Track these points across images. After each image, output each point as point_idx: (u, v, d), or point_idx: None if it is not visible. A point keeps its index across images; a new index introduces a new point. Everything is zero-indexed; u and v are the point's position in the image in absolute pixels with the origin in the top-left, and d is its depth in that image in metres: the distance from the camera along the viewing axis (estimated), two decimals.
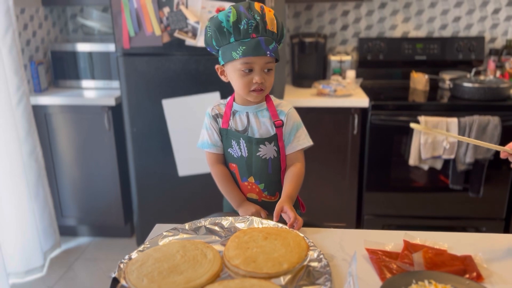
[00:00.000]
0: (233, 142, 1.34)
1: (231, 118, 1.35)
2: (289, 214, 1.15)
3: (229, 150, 1.36)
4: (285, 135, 1.33)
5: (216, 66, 1.33)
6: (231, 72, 1.27)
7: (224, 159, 1.40)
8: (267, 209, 1.36)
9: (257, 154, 1.32)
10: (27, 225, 2.38)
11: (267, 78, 1.26)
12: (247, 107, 1.33)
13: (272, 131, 1.32)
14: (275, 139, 1.32)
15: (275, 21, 1.24)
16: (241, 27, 1.19)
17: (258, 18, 1.20)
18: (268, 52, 1.21)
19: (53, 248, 2.60)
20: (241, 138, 1.32)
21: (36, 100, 2.51)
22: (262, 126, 1.32)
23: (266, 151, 1.32)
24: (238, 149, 1.33)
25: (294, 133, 1.33)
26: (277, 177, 1.36)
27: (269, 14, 1.23)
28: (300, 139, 1.33)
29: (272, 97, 1.36)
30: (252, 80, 1.24)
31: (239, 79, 1.25)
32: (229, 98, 1.37)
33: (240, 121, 1.34)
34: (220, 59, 1.28)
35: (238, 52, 1.21)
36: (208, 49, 1.30)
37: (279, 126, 1.31)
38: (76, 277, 2.43)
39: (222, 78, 1.33)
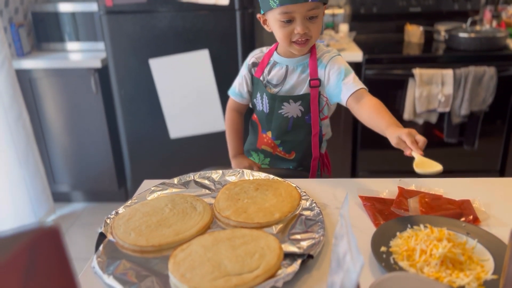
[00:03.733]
0: (258, 95, 1.26)
1: (267, 68, 1.24)
2: (418, 138, 0.93)
3: (254, 100, 1.29)
4: (329, 88, 1.17)
5: (258, 15, 1.19)
6: (272, 22, 1.13)
7: (245, 110, 1.38)
8: (279, 162, 1.32)
9: (279, 111, 1.22)
10: (18, 192, 2.35)
11: (312, 27, 1.10)
12: (288, 59, 1.21)
13: (305, 89, 1.20)
14: (304, 99, 1.19)
15: None
16: None
17: None
18: None
19: (47, 214, 2.58)
20: (264, 94, 1.23)
21: (19, 65, 2.42)
22: (299, 83, 1.20)
23: (289, 109, 1.21)
24: (261, 103, 1.26)
25: (340, 82, 1.14)
26: (297, 136, 1.25)
27: None
28: (349, 85, 1.12)
29: (318, 45, 1.20)
30: (294, 30, 1.10)
31: (279, 30, 1.11)
32: (272, 45, 1.26)
33: (276, 74, 1.22)
34: (260, 6, 1.15)
35: (275, 0, 1.07)
36: None
37: (314, 86, 1.18)
38: (71, 242, 2.43)
39: (266, 28, 1.19)
